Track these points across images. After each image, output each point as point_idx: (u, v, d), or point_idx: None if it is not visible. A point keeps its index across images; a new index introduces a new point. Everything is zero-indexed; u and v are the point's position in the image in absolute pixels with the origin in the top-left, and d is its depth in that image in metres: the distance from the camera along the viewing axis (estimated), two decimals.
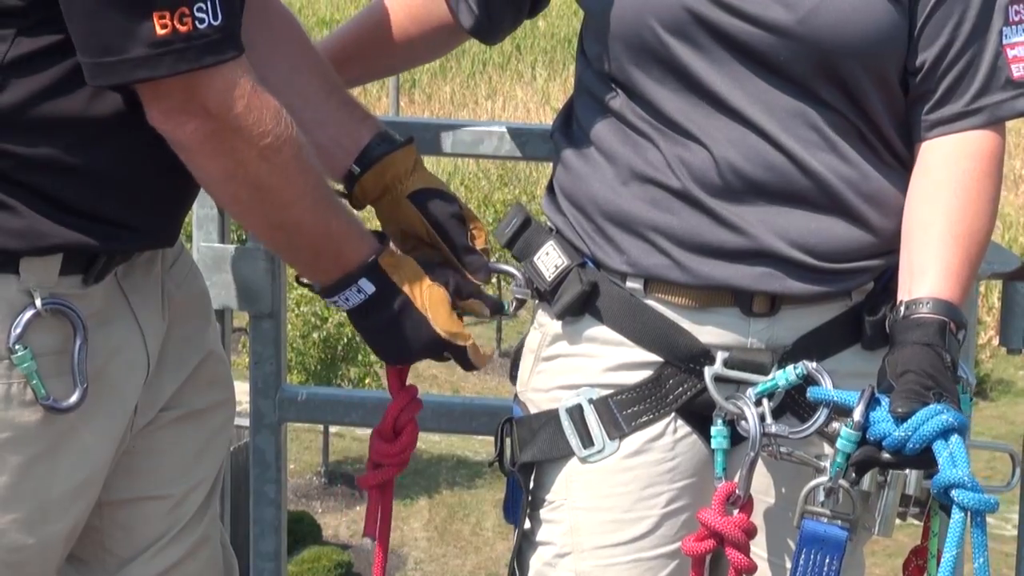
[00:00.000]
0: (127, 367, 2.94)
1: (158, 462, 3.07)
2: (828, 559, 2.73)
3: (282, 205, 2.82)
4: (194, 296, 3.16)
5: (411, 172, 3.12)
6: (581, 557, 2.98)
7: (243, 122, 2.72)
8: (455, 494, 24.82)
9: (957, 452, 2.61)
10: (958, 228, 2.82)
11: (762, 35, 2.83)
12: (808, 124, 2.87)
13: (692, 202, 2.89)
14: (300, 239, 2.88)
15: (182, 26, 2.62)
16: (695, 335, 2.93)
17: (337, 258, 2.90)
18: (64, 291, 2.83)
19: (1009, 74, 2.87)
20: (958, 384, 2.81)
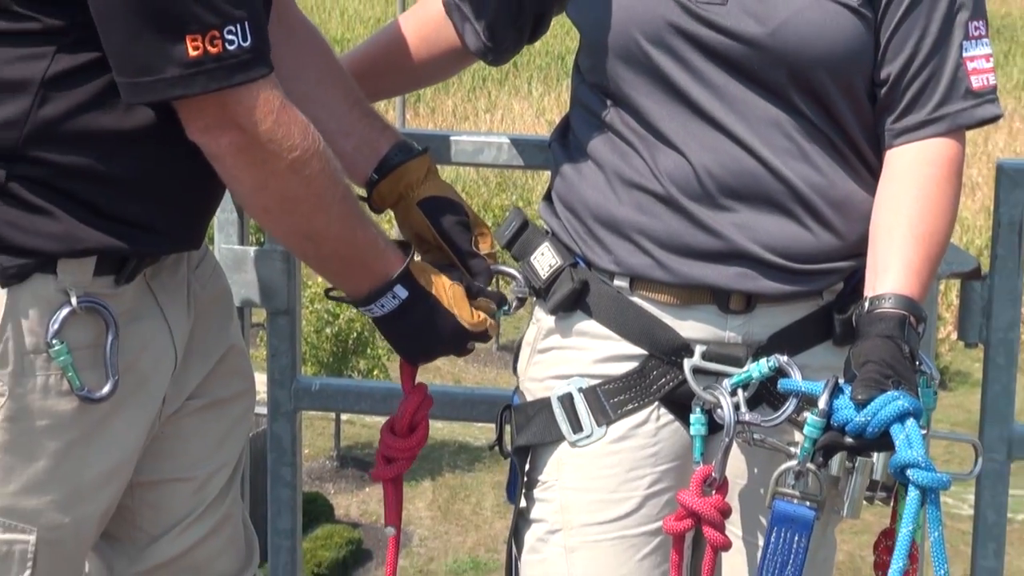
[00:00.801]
0: (156, 360, 2.95)
1: (184, 447, 3.07)
2: (798, 537, 2.74)
3: (310, 215, 2.82)
4: (217, 294, 3.15)
5: (423, 180, 3.11)
6: (570, 534, 2.98)
7: (273, 136, 2.71)
8: (456, 476, 24.84)
9: (913, 435, 2.62)
10: (919, 229, 2.82)
11: (737, 46, 2.82)
12: (781, 132, 2.86)
13: (673, 206, 2.88)
14: (327, 248, 2.87)
15: (213, 48, 2.63)
16: (676, 330, 2.93)
17: (365, 268, 2.90)
18: (97, 290, 2.84)
19: (969, 85, 2.86)
20: (922, 377, 2.82)
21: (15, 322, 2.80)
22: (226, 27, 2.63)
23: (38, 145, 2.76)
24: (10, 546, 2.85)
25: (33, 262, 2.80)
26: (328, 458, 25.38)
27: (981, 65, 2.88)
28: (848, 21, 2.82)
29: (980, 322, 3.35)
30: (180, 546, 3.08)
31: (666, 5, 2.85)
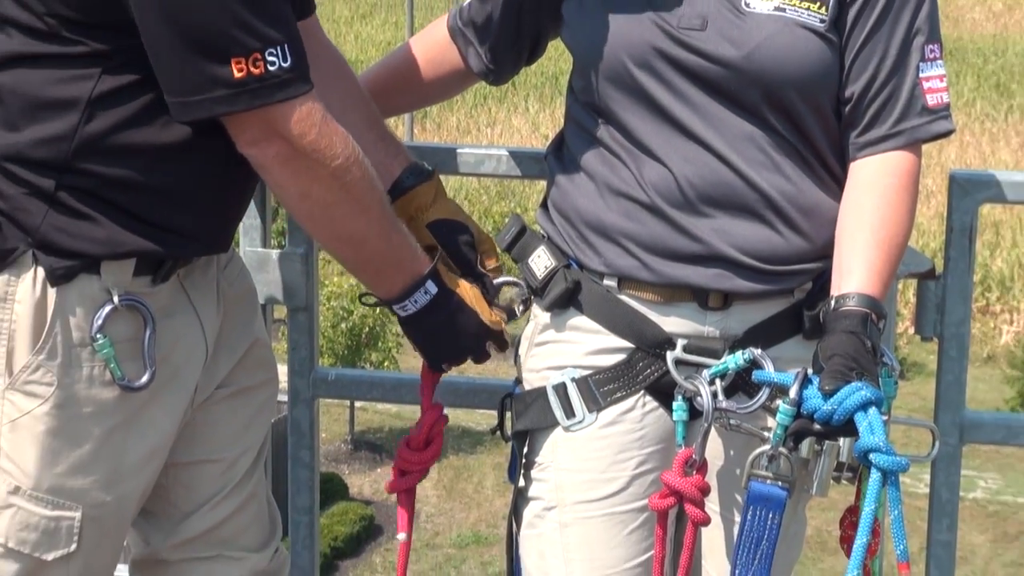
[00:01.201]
0: (188, 352, 2.96)
1: (213, 431, 3.07)
2: (771, 514, 2.76)
3: (350, 219, 2.83)
4: (244, 293, 3.16)
5: (432, 203, 3.12)
6: (564, 510, 2.99)
7: (316, 147, 2.72)
8: (460, 459, 24.82)
9: (875, 422, 2.64)
10: (880, 234, 2.83)
11: (715, 68, 2.83)
12: (755, 146, 2.86)
13: (657, 213, 2.89)
14: (367, 250, 2.88)
15: (255, 69, 2.64)
16: (660, 325, 2.93)
17: (399, 267, 2.90)
18: (136, 289, 2.85)
19: (925, 103, 2.87)
20: (884, 369, 2.85)
21: (63, 318, 2.81)
22: (267, 50, 2.65)
23: (85, 158, 2.78)
24: (57, 522, 2.86)
25: (79, 264, 2.81)
26: (343, 442, 25.34)
27: (936, 84, 2.88)
28: (815, 45, 2.83)
29: (934, 318, 3.35)
30: (210, 521, 3.08)
31: (651, 31, 2.85)
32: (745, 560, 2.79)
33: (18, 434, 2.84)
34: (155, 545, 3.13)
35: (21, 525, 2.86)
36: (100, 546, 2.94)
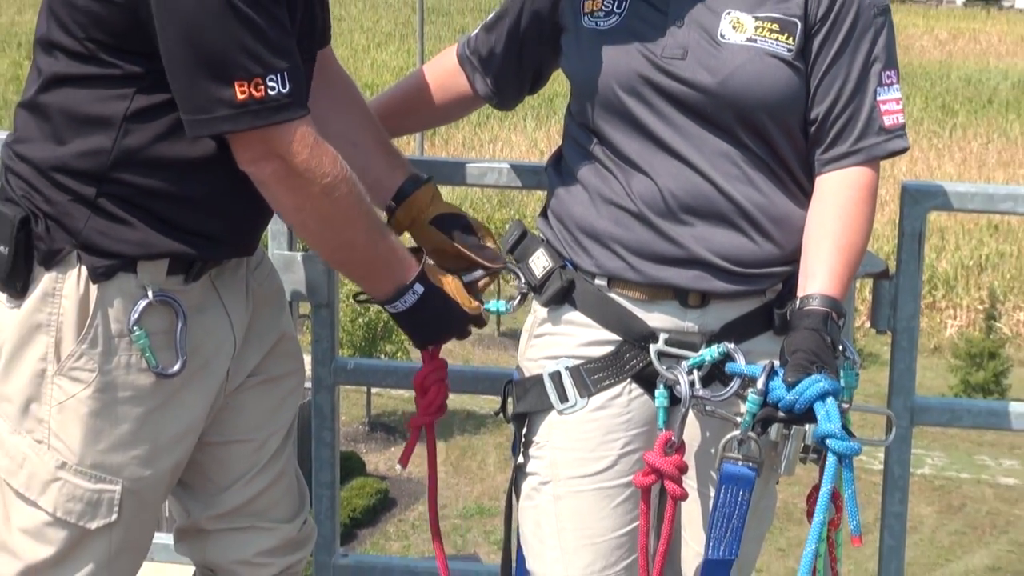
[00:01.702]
0: (218, 344, 2.96)
1: (244, 415, 3.07)
2: (741, 492, 2.77)
3: (340, 230, 2.83)
4: (272, 292, 3.16)
5: (430, 204, 3.14)
6: (558, 484, 2.99)
7: (308, 166, 2.72)
8: (465, 439, 24.81)
9: (832, 411, 2.66)
10: (841, 241, 2.83)
11: (693, 93, 2.83)
12: (730, 161, 2.86)
13: (643, 221, 2.89)
14: (356, 257, 2.89)
15: (257, 92, 2.64)
16: (645, 320, 2.93)
17: (388, 271, 2.91)
18: (170, 287, 2.86)
19: (882, 123, 2.87)
20: (847, 362, 2.88)
21: (104, 312, 2.82)
22: (268, 76, 2.65)
23: (122, 169, 2.79)
24: (100, 494, 2.87)
25: (118, 263, 2.83)
26: (361, 424, 25.31)
27: (892, 107, 2.89)
28: (783, 72, 2.83)
29: (888, 313, 3.35)
30: (244, 496, 3.09)
31: (638, 61, 2.86)
32: (718, 532, 2.79)
33: (65, 415, 2.85)
34: (195, 516, 3.13)
35: (67, 497, 2.87)
36: (138, 516, 2.94)
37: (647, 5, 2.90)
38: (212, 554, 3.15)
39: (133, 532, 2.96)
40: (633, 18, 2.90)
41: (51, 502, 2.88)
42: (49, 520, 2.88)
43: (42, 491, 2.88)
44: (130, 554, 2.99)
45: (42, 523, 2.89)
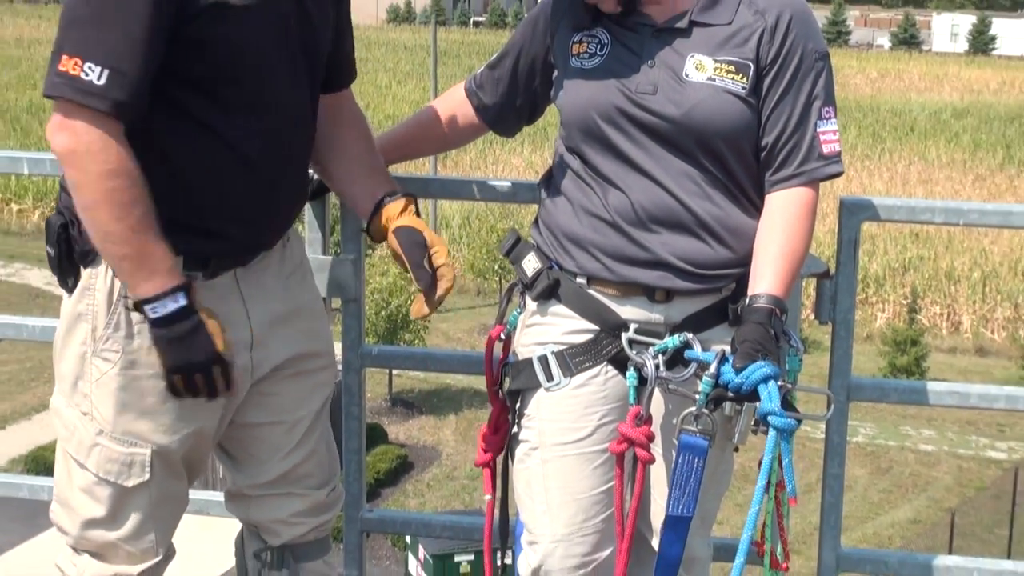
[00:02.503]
0: (235, 332, 2.90)
1: (278, 400, 3.04)
2: (696, 459, 2.78)
3: (108, 220, 2.67)
4: (311, 295, 3.14)
5: (399, 215, 3.05)
6: (545, 450, 3.01)
7: (91, 149, 2.63)
8: (473, 412, 24.76)
9: (772, 392, 2.68)
10: (785, 249, 2.85)
11: (662, 123, 2.85)
12: (691, 180, 2.88)
13: (618, 230, 2.91)
14: (120, 252, 2.70)
15: (74, 70, 2.59)
16: (618, 313, 2.95)
17: (152, 274, 2.70)
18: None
19: (821, 151, 2.88)
20: (791, 349, 2.93)
21: (125, 302, 2.81)
22: (86, 63, 2.58)
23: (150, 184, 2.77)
24: (132, 457, 2.89)
25: None
26: (383, 400, 25.26)
27: (830, 137, 2.90)
28: (738, 106, 2.84)
29: (829, 307, 3.35)
30: (280, 469, 3.08)
31: (615, 95, 2.87)
32: (677, 493, 2.81)
33: (101, 390, 2.86)
34: (239, 484, 3.13)
35: (106, 459, 2.89)
36: (170, 476, 2.95)
37: (625, 49, 2.90)
38: (254, 514, 3.15)
39: (168, 487, 2.96)
40: (612, 60, 2.91)
41: (95, 464, 2.90)
42: (95, 480, 2.91)
43: (87, 455, 2.90)
44: (170, 505, 2.99)
45: (91, 483, 2.92)
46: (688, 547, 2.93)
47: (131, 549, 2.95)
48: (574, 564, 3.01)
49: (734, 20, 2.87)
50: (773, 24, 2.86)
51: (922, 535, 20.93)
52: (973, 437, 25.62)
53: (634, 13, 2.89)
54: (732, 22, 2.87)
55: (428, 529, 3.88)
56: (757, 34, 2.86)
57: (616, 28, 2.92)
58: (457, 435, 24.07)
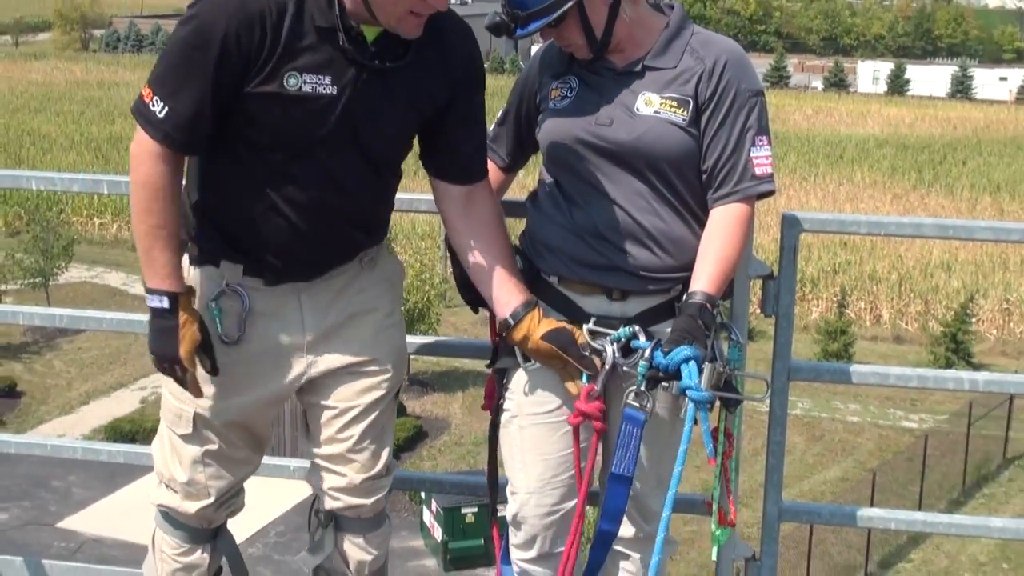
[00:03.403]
0: (286, 335, 2.92)
1: (332, 390, 3.01)
2: (635, 430, 2.82)
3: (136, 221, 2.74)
4: (376, 308, 3.02)
5: (538, 325, 2.91)
6: (522, 419, 3.04)
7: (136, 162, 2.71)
8: (478, 390, 24.72)
9: (692, 371, 2.72)
10: (720, 255, 2.87)
11: (616, 149, 2.89)
12: (642, 198, 2.91)
13: (581, 239, 2.94)
14: (140, 248, 2.76)
15: (146, 99, 2.67)
16: (582, 307, 2.97)
17: (152, 273, 2.73)
18: (247, 284, 2.87)
19: (754, 172, 2.90)
20: (729, 340, 2.96)
21: (195, 287, 2.87)
22: (155, 96, 2.65)
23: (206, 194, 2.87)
24: (181, 412, 2.94)
25: (204, 256, 2.89)
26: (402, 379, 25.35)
27: (762, 161, 2.90)
28: (680, 135, 2.88)
29: (772, 303, 3.33)
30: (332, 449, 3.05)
31: (579, 128, 2.92)
32: (620, 455, 2.84)
33: None
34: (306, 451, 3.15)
35: (166, 409, 2.98)
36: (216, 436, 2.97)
37: (590, 90, 2.95)
38: (311, 479, 3.13)
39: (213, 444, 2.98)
40: (579, 100, 2.95)
41: (163, 411, 3.01)
42: (164, 424, 3.02)
43: (162, 404, 3.02)
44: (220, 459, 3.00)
45: (163, 426, 3.03)
46: (647, 503, 3.00)
47: (189, 488, 3.00)
48: (544, 512, 3.05)
49: (679, 64, 2.92)
50: (711, 67, 2.89)
51: (849, 491, 20.93)
52: (891, 410, 25.65)
53: (600, 60, 2.94)
54: (677, 66, 2.91)
55: (439, 487, 3.85)
56: (697, 75, 2.89)
57: (585, 73, 2.97)
58: (464, 409, 24.06)
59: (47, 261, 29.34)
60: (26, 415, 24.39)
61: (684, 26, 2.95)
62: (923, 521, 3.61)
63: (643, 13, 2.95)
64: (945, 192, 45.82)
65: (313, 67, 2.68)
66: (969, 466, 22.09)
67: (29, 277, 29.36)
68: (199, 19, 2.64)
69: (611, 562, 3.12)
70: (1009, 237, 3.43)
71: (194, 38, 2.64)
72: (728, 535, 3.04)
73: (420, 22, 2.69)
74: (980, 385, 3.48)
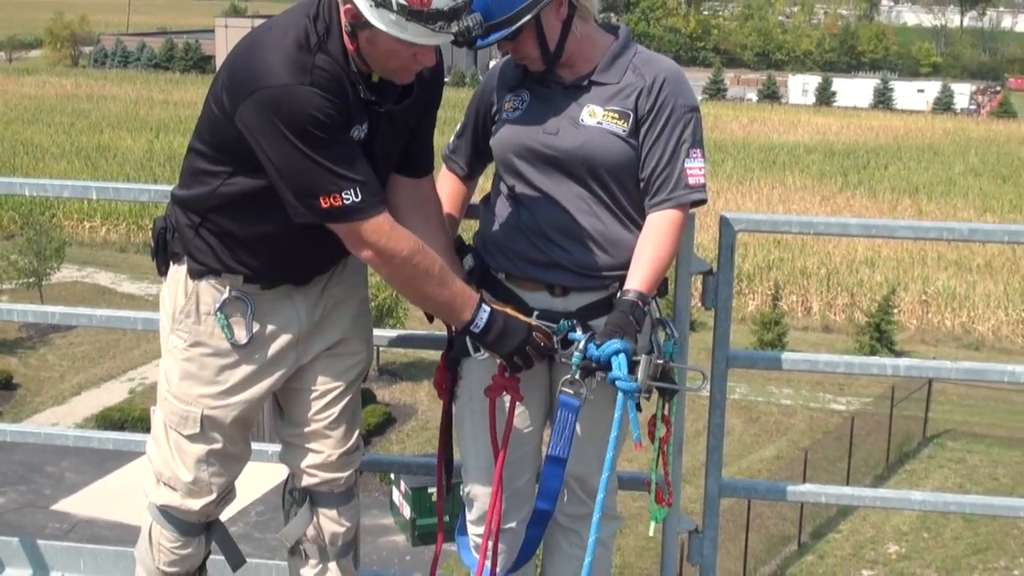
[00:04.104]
0: (284, 332, 2.93)
1: (314, 373, 3.02)
2: (571, 415, 2.83)
3: (419, 287, 2.75)
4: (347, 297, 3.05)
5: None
6: (472, 402, 3.06)
7: (387, 247, 2.66)
8: None
9: (621, 362, 2.73)
10: (653, 256, 2.88)
11: (560, 155, 2.90)
12: (583, 201, 2.92)
13: (526, 238, 2.95)
14: (435, 303, 2.80)
15: (335, 202, 2.60)
16: (527, 302, 2.97)
17: (460, 308, 2.79)
18: (248, 289, 2.87)
19: (687, 182, 2.91)
20: (664, 334, 2.98)
21: (196, 297, 2.86)
22: (344, 191, 2.58)
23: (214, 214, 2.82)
24: (188, 413, 2.91)
25: (206, 270, 2.87)
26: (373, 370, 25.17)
27: (696, 172, 2.92)
28: (621, 145, 2.89)
29: (712, 296, 3.35)
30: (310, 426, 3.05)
31: (528, 136, 2.93)
32: (555, 439, 2.85)
33: (172, 359, 2.91)
34: (281, 432, 3.13)
35: (169, 412, 2.94)
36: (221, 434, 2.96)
37: (540, 102, 2.97)
38: (287, 459, 3.13)
39: (220, 442, 2.95)
40: (529, 111, 2.97)
41: (165, 414, 2.96)
42: (166, 426, 2.98)
43: (162, 405, 2.96)
44: (222, 457, 2.99)
45: (164, 427, 2.98)
46: (590, 483, 3.01)
47: (192, 487, 2.97)
48: (493, 488, 3.04)
49: (622, 80, 2.93)
50: (651, 84, 2.91)
51: (783, 468, 21.07)
52: (821, 394, 25.83)
53: (551, 74, 2.95)
54: (620, 81, 2.93)
55: (407, 468, 3.85)
56: (637, 91, 2.91)
57: (536, 87, 2.98)
58: (429, 396, 23.98)
59: (40, 262, 29.16)
60: (21, 406, 24.12)
61: (628, 45, 2.98)
62: (851, 495, 3.64)
63: (592, 31, 2.96)
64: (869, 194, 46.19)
65: (358, 118, 2.72)
66: (892, 444, 22.29)
67: (23, 277, 29.20)
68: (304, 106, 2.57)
69: (561, 537, 3.15)
70: (927, 235, 3.46)
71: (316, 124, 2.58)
72: (665, 513, 3.06)
73: (412, 72, 2.74)
74: (901, 370, 3.52)
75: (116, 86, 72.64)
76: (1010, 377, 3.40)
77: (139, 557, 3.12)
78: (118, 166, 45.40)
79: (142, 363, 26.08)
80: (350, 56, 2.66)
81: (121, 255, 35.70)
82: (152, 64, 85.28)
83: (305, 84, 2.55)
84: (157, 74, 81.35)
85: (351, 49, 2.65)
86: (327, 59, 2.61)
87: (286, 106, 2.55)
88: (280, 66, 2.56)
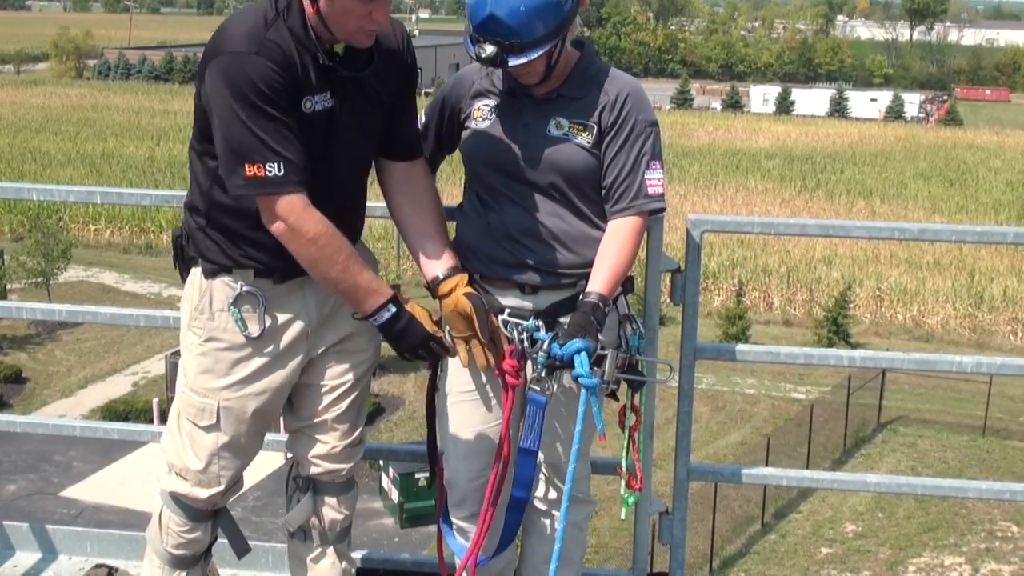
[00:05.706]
0: (295, 324, 2.90)
1: (323, 368, 3.00)
2: (538, 411, 2.83)
3: (326, 268, 2.69)
4: None
5: (464, 285, 2.88)
6: (452, 396, 3.05)
7: (295, 225, 2.63)
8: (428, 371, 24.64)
9: (583, 360, 2.73)
10: (614, 260, 2.87)
11: (526, 164, 2.90)
12: (547, 204, 2.92)
13: (496, 241, 2.94)
14: (342, 287, 2.74)
15: (259, 172, 2.58)
16: (500, 300, 2.96)
17: (368, 296, 2.74)
18: (259, 284, 2.84)
19: (647, 192, 2.90)
20: (632, 330, 2.93)
21: (210, 295, 2.83)
22: (267, 163, 2.57)
23: (214, 213, 2.80)
24: (205, 406, 2.87)
25: (218, 268, 2.84)
26: None
27: (655, 182, 2.91)
28: (584, 156, 2.89)
29: (680, 293, 3.35)
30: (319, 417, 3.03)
31: (497, 145, 2.93)
32: (526, 432, 2.86)
33: (189, 354, 2.88)
34: (288, 423, 3.10)
35: (187, 404, 2.90)
36: (234, 425, 2.92)
37: (509, 112, 2.95)
38: (292, 447, 3.11)
39: (233, 435, 2.93)
40: (498, 121, 2.95)
41: (182, 406, 2.93)
42: (182, 418, 2.94)
43: (180, 399, 2.93)
44: (235, 448, 2.96)
45: (179, 419, 2.95)
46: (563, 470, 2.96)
47: (202, 477, 2.95)
48: (472, 476, 3.05)
49: (587, 95, 2.93)
50: (614, 99, 2.91)
51: (747, 453, 21.14)
52: (782, 383, 25.92)
53: (522, 87, 2.94)
54: (585, 96, 2.93)
55: (395, 455, 3.84)
56: (601, 105, 2.91)
57: (507, 98, 2.97)
58: (416, 388, 23.92)
59: (48, 263, 29.07)
60: (31, 398, 23.97)
61: (593, 61, 2.97)
62: (810, 478, 3.66)
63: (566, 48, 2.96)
64: (826, 197, 46.39)
65: (317, 88, 2.70)
66: (848, 430, 22.39)
67: (32, 277, 29.11)
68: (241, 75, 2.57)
69: (538, 519, 3.16)
70: (880, 235, 3.48)
71: (257, 94, 2.57)
72: (636, 498, 3.06)
73: (371, 34, 2.72)
74: (857, 361, 3.53)
75: (119, 97, 72.22)
76: (957, 367, 3.42)
77: (149, 539, 3.11)
78: (121, 172, 45.15)
79: (145, 358, 25.95)
80: (310, 26, 2.66)
81: (124, 256, 35.53)
82: (153, 76, 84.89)
83: (253, 53, 2.57)
84: (157, 85, 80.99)
85: (311, 12, 2.66)
86: (281, 34, 2.63)
87: (233, 71, 2.57)
88: (236, 36, 2.60)
